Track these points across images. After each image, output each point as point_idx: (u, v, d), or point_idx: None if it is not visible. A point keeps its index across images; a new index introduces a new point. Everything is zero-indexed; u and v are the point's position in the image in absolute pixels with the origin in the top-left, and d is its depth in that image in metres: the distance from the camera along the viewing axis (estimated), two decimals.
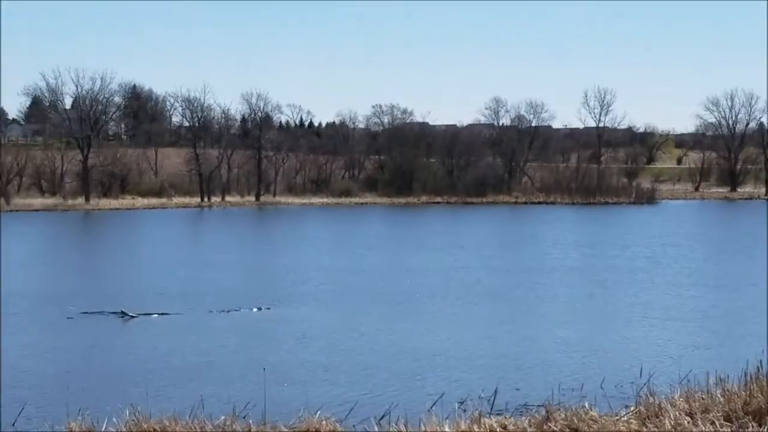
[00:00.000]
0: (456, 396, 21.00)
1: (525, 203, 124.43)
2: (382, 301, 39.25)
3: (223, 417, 16.00)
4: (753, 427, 15.67)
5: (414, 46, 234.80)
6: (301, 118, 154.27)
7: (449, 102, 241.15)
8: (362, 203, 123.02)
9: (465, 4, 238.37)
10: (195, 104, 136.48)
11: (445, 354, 27.99)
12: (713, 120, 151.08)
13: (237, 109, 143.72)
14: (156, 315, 35.18)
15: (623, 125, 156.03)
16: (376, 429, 15.55)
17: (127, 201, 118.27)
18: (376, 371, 25.57)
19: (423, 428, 15.66)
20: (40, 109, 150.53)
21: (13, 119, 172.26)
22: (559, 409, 16.99)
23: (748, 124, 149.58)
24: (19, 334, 31.90)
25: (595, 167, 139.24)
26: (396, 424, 15.63)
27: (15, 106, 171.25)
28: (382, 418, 16.38)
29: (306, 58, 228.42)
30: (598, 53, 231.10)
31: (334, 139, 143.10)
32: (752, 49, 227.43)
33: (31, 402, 21.23)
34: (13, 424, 16.54)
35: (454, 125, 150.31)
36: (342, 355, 28.07)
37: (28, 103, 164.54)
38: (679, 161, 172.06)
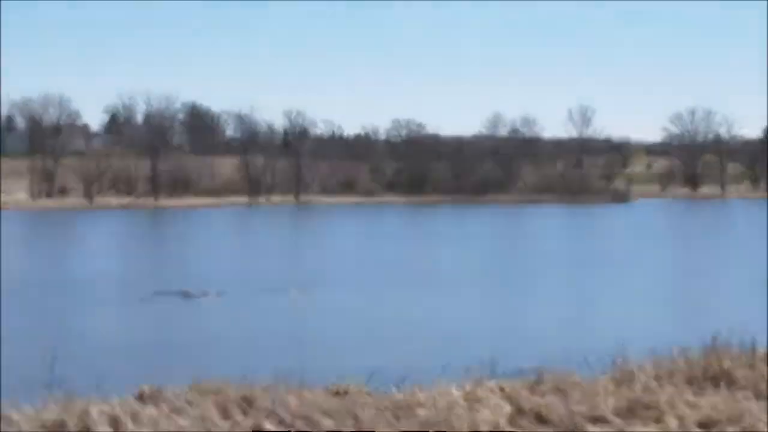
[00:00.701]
0: (463, 362, 20.97)
1: (519, 202, 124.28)
2: (405, 283, 39.18)
3: (268, 380, 16.01)
4: (710, 389, 15.59)
5: (427, 69, 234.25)
6: (333, 131, 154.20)
7: (456, 116, 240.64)
8: (383, 202, 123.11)
9: (467, 34, 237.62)
10: (245, 120, 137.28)
11: (456, 327, 27.97)
12: (678, 132, 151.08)
13: (280, 123, 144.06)
14: (214, 294, 35.22)
15: (602, 136, 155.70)
16: (394, 390, 15.53)
17: (189, 200, 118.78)
18: (398, 342, 25.58)
19: (433, 389, 15.62)
20: (117, 124, 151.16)
21: (96, 132, 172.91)
22: (548, 374, 16.92)
23: (707, 135, 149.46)
24: (101, 312, 32.07)
25: (578, 172, 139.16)
26: (411, 387, 15.62)
27: (97, 121, 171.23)
28: (400, 381, 16.35)
29: (337, 80, 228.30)
30: (582, 74, 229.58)
31: (361, 148, 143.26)
32: (714, 68, 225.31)
33: (113, 367, 21.36)
34: (97, 387, 16.60)
35: (461, 136, 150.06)
36: (370, 328, 28.10)
37: (108, 119, 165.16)
38: (649, 166, 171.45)
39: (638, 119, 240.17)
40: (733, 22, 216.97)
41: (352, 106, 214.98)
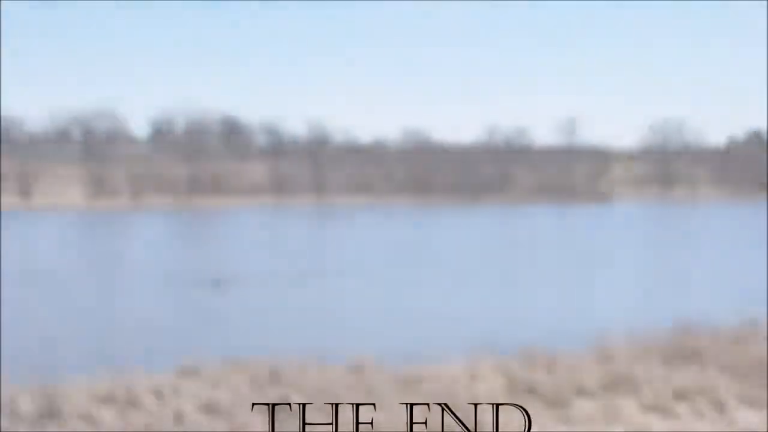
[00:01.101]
0: (466, 341, 21.02)
1: (514, 202, 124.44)
2: (414, 272, 39.19)
3: (293, 357, 16.11)
4: (682, 365, 15.61)
5: (434, 85, 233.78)
6: (349, 139, 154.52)
7: (458, 126, 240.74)
8: (393, 202, 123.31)
9: (466, 51, 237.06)
10: (273, 129, 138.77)
11: (459, 311, 27.98)
12: (654, 139, 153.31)
13: (303, 133, 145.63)
14: (242, 283, 35.29)
15: (587, 143, 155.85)
16: (403, 366, 15.60)
17: (223, 201, 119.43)
18: (407, 325, 25.61)
19: (438, 366, 15.71)
20: (160, 132, 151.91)
21: (141, 141, 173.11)
22: (539, 352, 16.97)
23: (679, 142, 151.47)
24: (144, 299, 32.20)
25: (567, 176, 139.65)
26: (417, 364, 15.69)
27: (142, 131, 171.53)
28: (408, 357, 16.42)
29: (353, 94, 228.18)
30: (570, 84, 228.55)
31: (373, 154, 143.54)
32: (697, 76, 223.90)
33: (153, 345, 21.48)
34: (138, 362, 16.70)
35: (462, 144, 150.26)
36: (381, 312, 28.13)
37: (151, 129, 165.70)
38: (629, 171, 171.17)
39: (620, 127, 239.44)
40: (721, 28, 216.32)
41: (367, 115, 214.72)
